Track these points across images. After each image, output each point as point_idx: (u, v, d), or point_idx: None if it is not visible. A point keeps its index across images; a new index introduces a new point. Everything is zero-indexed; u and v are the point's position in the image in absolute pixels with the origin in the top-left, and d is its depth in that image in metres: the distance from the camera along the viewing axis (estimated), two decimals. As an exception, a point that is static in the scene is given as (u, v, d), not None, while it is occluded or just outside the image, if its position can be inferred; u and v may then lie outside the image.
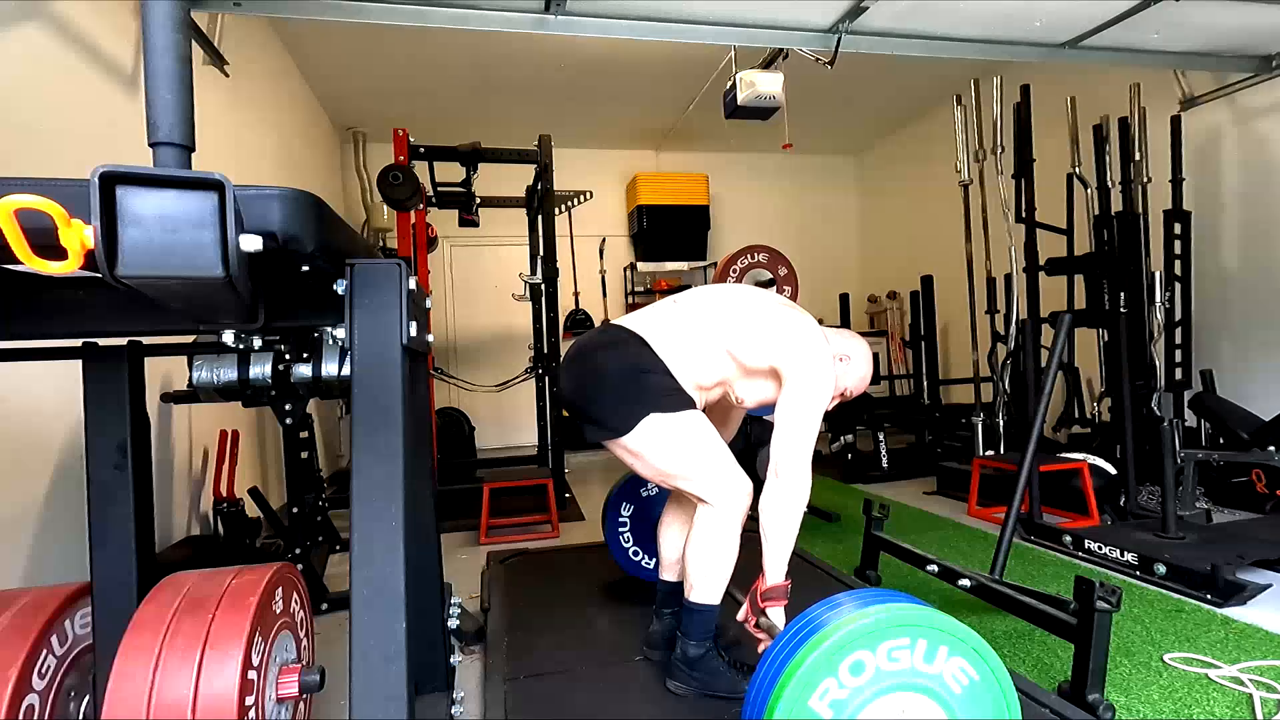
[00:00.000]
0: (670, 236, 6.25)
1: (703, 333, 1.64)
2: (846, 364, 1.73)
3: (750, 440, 3.19)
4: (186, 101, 0.76)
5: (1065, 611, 1.66)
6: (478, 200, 4.12)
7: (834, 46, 2.99)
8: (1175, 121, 3.74)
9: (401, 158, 3.53)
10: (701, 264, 6.39)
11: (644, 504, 2.35)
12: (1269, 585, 2.26)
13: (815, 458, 1.58)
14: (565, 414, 1.75)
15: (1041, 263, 3.85)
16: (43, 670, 1.17)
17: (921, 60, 3.33)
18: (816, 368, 1.58)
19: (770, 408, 1.66)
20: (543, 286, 4.15)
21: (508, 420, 6.18)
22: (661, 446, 1.58)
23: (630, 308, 6.46)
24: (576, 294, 5.02)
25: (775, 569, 1.58)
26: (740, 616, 1.65)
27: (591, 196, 4.85)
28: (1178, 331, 3.70)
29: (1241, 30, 3.14)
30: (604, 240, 6.10)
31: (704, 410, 1.68)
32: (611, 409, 1.59)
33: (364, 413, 0.94)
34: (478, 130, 5.16)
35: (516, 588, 2.40)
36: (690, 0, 2.71)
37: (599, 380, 1.61)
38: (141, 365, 1.37)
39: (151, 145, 0.75)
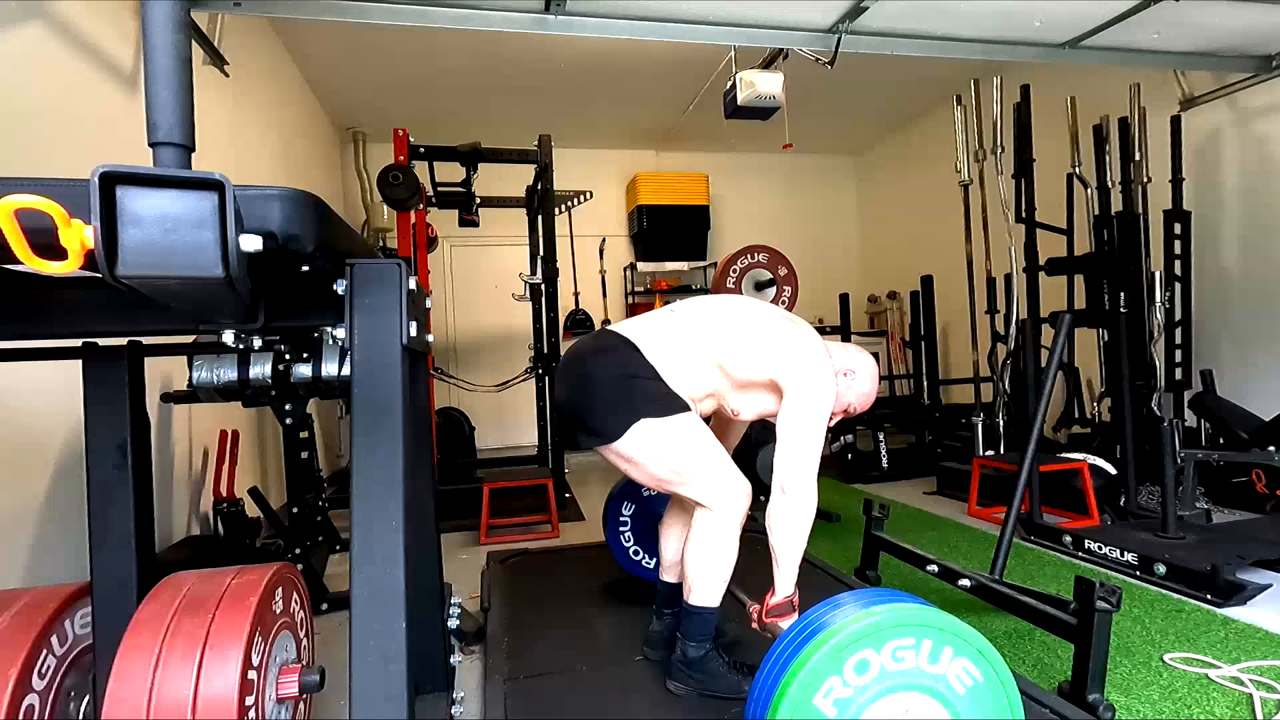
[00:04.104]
0: (670, 236, 6.25)
1: (695, 344, 1.63)
2: (850, 379, 1.71)
3: (751, 440, 3.19)
4: (186, 101, 0.76)
5: (1065, 611, 1.66)
6: (478, 200, 4.12)
7: (834, 46, 2.99)
8: (1175, 121, 3.74)
9: (401, 158, 3.53)
10: (701, 264, 6.39)
11: (645, 503, 2.35)
12: (1269, 585, 2.26)
13: (815, 458, 1.58)
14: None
15: (1041, 263, 3.85)
16: (43, 670, 1.17)
17: (921, 60, 3.33)
18: (817, 380, 1.57)
19: (770, 417, 1.66)
20: (543, 286, 4.15)
21: (508, 420, 6.17)
22: (655, 452, 1.57)
23: (630, 308, 6.45)
24: (576, 294, 5.01)
25: (784, 583, 1.58)
26: (753, 621, 1.66)
27: (591, 196, 4.84)
28: (1178, 331, 3.70)
29: (1241, 30, 3.14)
30: (604, 240, 6.08)
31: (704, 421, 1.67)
32: (602, 415, 1.58)
33: (364, 413, 0.94)
34: (478, 130, 5.15)
35: (516, 588, 2.40)
36: (690, 0, 2.71)
37: (589, 386, 1.61)
38: (141, 365, 1.37)
39: (151, 145, 0.75)
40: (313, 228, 0.79)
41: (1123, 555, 2.51)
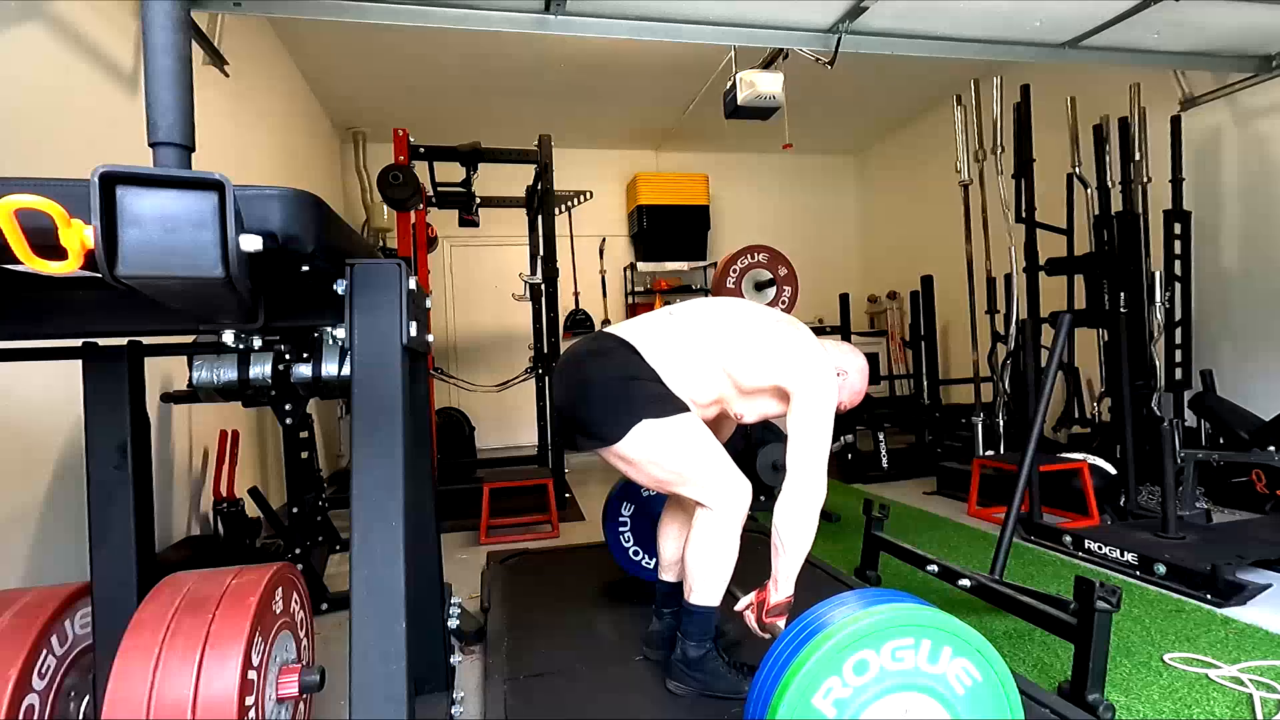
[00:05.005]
0: (670, 236, 6.25)
1: (700, 350, 1.63)
2: (842, 379, 1.73)
3: (751, 440, 3.19)
4: (186, 101, 0.76)
5: (1065, 611, 1.66)
6: (478, 200, 4.12)
7: (834, 46, 2.99)
8: (1175, 121, 3.74)
9: (401, 158, 3.53)
10: (701, 264, 6.38)
11: (644, 503, 2.35)
12: (1269, 585, 2.26)
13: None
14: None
15: (1041, 263, 3.85)
16: (43, 670, 1.17)
17: (921, 60, 3.33)
18: (822, 383, 1.59)
19: (772, 418, 1.66)
20: (543, 286, 4.15)
21: (508, 420, 6.17)
22: (656, 453, 1.57)
23: (630, 308, 6.45)
24: (576, 294, 5.01)
25: (786, 582, 1.59)
26: (740, 607, 1.66)
27: (591, 196, 4.84)
28: (1178, 331, 3.70)
29: (1241, 30, 3.14)
30: (604, 240, 6.09)
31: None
32: (602, 417, 1.58)
33: (364, 413, 0.94)
34: (478, 130, 5.15)
35: (516, 588, 2.40)
36: (690, 0, 2.71)
37: (587, 389, 1.61)
38: (141, 365, 1.36)
39: (151, 145, 0.75)
40: (313, 228, 0.79)
41: (1123, 555, 2.51)
